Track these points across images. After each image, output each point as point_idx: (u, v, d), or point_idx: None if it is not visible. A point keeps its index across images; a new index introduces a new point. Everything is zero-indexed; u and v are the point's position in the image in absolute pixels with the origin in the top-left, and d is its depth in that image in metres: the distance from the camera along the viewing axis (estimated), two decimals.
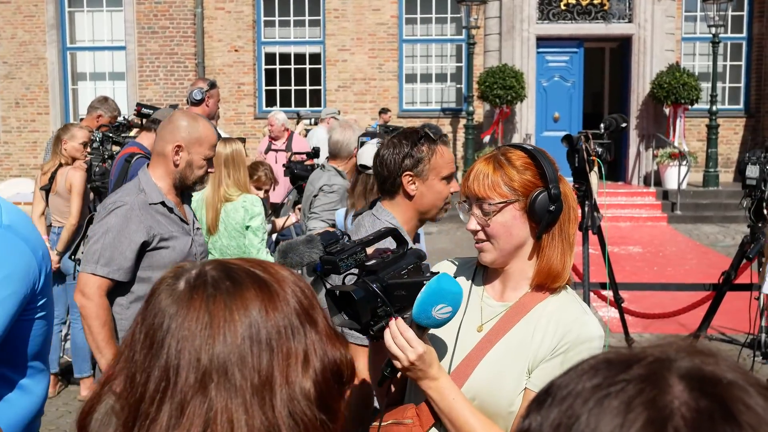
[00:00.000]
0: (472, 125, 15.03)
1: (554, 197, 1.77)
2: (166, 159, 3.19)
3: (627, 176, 15.83)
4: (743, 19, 16.28)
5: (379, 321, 1.67)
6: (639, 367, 0.65)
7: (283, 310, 0.98)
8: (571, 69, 15.96)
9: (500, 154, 1.83)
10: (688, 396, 0.62)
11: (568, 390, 0.67)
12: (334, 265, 1.66)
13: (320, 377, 0.98)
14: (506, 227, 1.79)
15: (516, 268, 1.85)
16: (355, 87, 16.30)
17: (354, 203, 4.04)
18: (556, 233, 1.82)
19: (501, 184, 1.78)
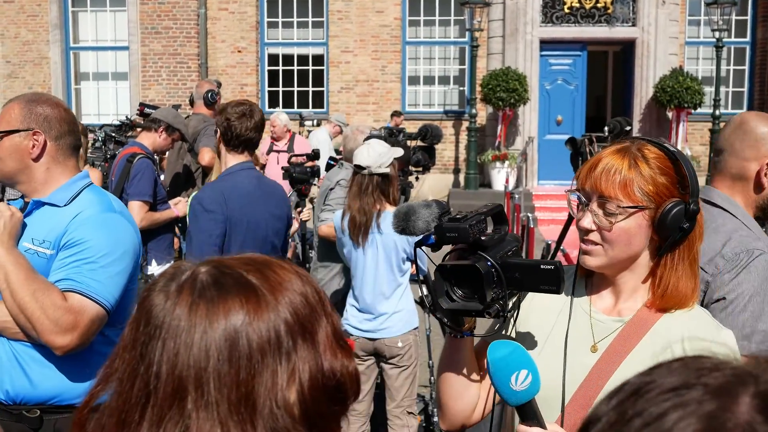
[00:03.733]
0: (475, 128, 15.01)
1: (691, 213, 1.53)
2: (746, 183, 2.26)
3: None
4: (747, 24, 16.24)
5: (492, 304, 1.50)
6: (717, 375, 0.63)
7: (269, 320, 0.93)
8: (574, 72, 15.94)
9: (635, 149, 1.58)
10: (750, 416, 0.58)
11: (639, 385, 0.66)
12: (462, 232, 1.48)
13: (308, 392, 0.92)
14: (628, 235, 1.55)
15: (627, 281, 1.63)
16: (358, 89, 16.28)
17: (350, 204, 4.04)
18: (685, 252, 1.58)
19: (635, 186, 1.53)
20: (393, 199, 4.08)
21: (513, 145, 15.35)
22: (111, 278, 2.39)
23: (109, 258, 2.40)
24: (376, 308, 4.09)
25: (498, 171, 14.88)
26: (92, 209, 2.46)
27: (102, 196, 2.56)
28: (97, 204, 2.49)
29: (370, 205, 4.00)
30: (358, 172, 4.03)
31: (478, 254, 1.51)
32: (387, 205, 4.04)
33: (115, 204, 2.59)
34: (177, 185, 5.96)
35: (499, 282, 1.49)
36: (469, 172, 15.07)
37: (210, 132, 5.83)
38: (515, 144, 15.41)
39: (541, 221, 13.04)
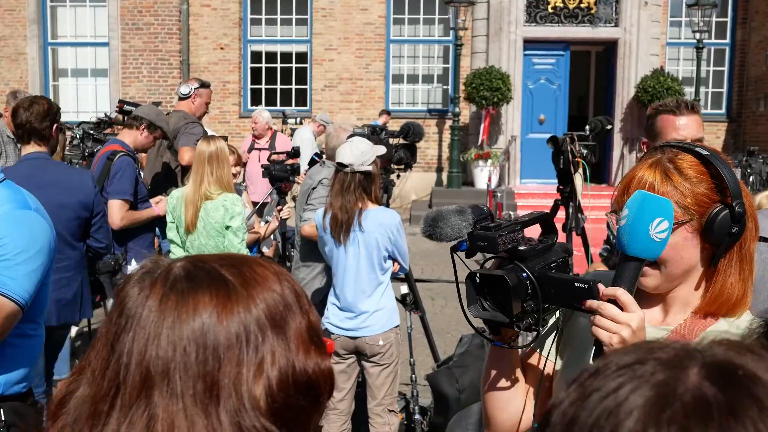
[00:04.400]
0: (458, 126, 15.03)
1: (737, 216, 1.48)
2: None
3: (611, 178, 15.88)
4: (727, 25, 16.37)
5: (524, 317, 1.46)
6: (666, 351, 0.67)
7: (239, 315, 0.93)
8: (557, 72, 15.99)
9: (667, 161, 1.52)
10: (698, 382, 0.62)
11: (596, 367, 0.69)
12: (491, 242, 1.43)
13: (276, 388, 0.93)
14: (676, 250, 1.49)
15: (681, 295, 1.57)
16: (342, 87, 16.25)
17: (332, 202, 4.03)
18: (735, 254, 1.53)
19: (672, 203, 1.46)
20: (375, 198, 4.08)
21: (496, 144, 15.39)
22: (26, 275, 2.45)
23: (24, 255, 2.45)
24: (357, 306, 4.08)
25: (481, 169, 14.92)
26: (7, 206, 2.49)
27: (16, 193, 2.58)
28: (11, 201, 2.52)
29: (352, 203, 3.98)
30: (340, 170, 4.02)
31: (515, 264, 1.47)
32: (369, 203, 4.04)
33: (31, 201, 2.61)
34: (157, 183, 5.92)
35: (533, 295, 1.45)
36: (452, 171, 15.09)
37: (190, 130, 5.78)
38: (498, 143, 15.45)
39: None
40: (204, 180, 4.45)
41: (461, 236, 1.51)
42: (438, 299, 8.29)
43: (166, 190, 5.60)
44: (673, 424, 0.60)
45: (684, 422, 0.60)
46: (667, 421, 0.60)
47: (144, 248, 5.04)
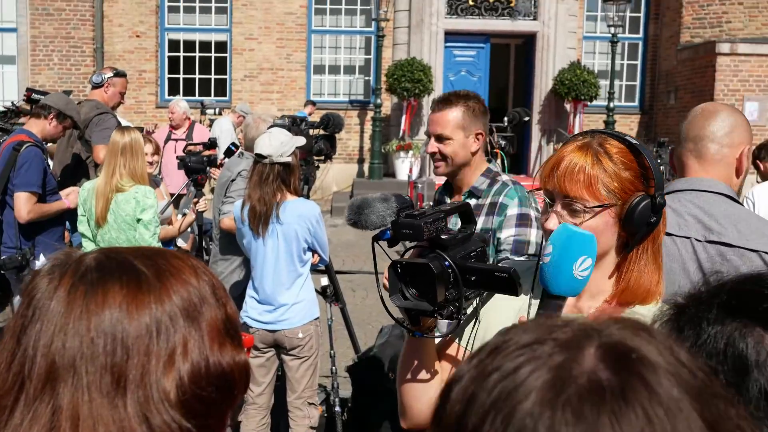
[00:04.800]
0: (380, 117, 15.05)
1: (658, 206, 1.50)
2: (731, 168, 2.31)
3: (529, 169, 16.17)
4: (640, 20, 16.86)
5: (446, 305, 1.46)
6: (564, 331, 0.68)
7: (150, 307, 0.92)
8: (477, 64, 16.18)
9: (597, 144, 1.52)
10: (594, 366, 0.63)
11: (495, 344, 0.69)
12: (416, 229, 1.43)
13: (188, 381, 0.91)
14: (596, 234, 1.48)
15: (593, 279, 1.54)
16: (262, 77, 16.06)
17: (250, 194, 3.96)
18: (649, 246, 1.55)
19: (599, 184, 1.49)
20: (294, 189, 4.03)
21: (417, 135, 15.47)
22: None
23: None
24: (276, 299, 4.03)
25: (402, 161, 14.98)
26: None
27: None
28: None
29: (271, 194, 3.93)
30: (259, 162, 3.95)
31: (437, 253, 1.47)
32: (288, 195, 3.99)
33: None
34: (67, 175, 5.71)
35: (455, 283, 1.45)
36: (373, 162, 15.11)
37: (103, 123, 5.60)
38: (419, 134, 15.53)
39: None
40: (116, 172, 4.32)
41: (385, 224, 1.49)
42: (359, 290, 8.28)
43: (77, 182, 5.41)
44: (568, 408, 0.61)
45: (578, 406, 0.61)
46: (563, 404, 0.61)
47: (54, 242, 4.86)
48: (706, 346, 0.91)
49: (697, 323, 0.94)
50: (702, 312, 0.94)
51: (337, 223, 13.05)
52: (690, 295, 1.00)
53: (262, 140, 3.96)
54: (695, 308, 0.96)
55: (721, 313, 0.93)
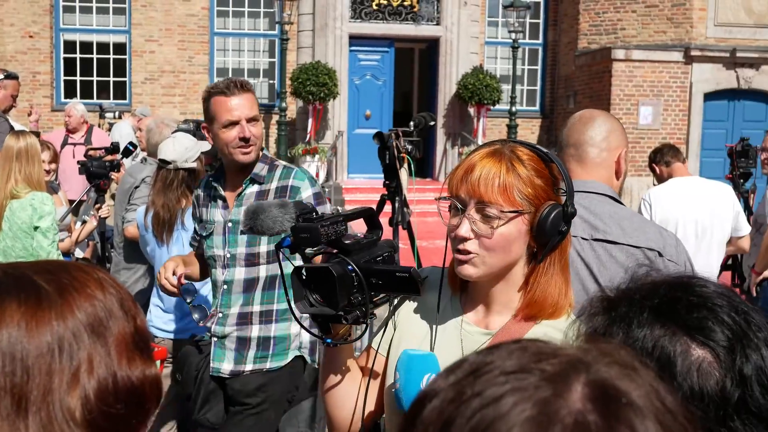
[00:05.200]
0: (285, 121, 14.94)
1: (569, 216, 1.50)
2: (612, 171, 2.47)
3: (434, 173, 16.38)
4: (539, 27, 17.35)
5: (351, 310, 1.46)
6: (552, 362, 0.65)
7: (51, 324, 0.89)
8: (382, 68, 16.29)
9: (508, 151, 1.51)
10: (581, 406, 0.62)
11: (477, 365, 0.67)
12: (313, 232, 1.41)
13: (94, 398, 0.89)
14: (507, 241, 1.49)
15: (501, 290, 1.57)
16: (164, 80, 15.71)
17: (154, 200, 3.87)
18: (556, 258, 1.54)
19: (514, 189, 1.47)
20: None
21: (323, 139, 15.45)
22: None
23: None
24: (182, 307, 3.94)
25: (309, 165, 14.91)
26: None
27: None
28: None
29: (175, 201, 3.85)
30: (163, 167, 3.86)
31: (340, 258, 1.46)
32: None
33: None
34: None
35: (359, 287, 1.45)
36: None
37: None
38: (325, 138, 15.51)
39: None
40: (11, 178, 4.15)
41: (283, 229, 1.49)
42: None
43: None
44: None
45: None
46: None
47: None
48: (635, 344, 0.95)
49: (628, 323, 0.97)
50: (634, 313, 0.98)
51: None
52: (621, 292, 1.03)
53: (165, 145, 3.88)
54: (627, 307, 0.99)
55: (651, 317, 0.96)
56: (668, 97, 15.03)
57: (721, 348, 0.94)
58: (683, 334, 0.95)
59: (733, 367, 0.93)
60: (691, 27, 14.87)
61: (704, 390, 0.92)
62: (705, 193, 4.48)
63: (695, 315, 0.96)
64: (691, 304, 0.98)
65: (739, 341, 0.95)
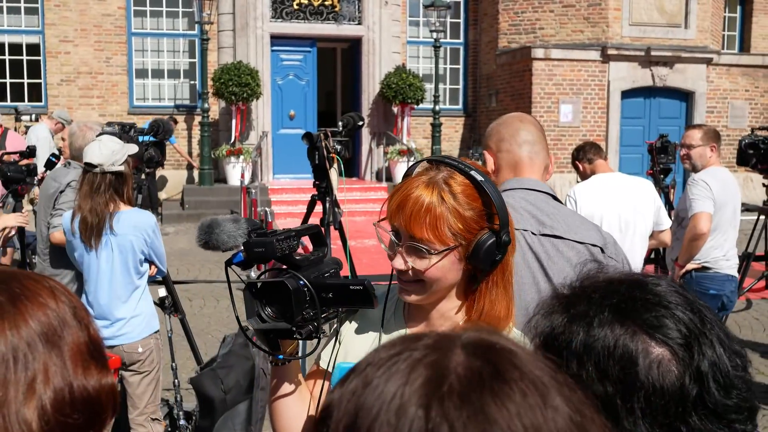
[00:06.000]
0: (208, 122, 14.74)
1: (503, 245, 1.51)
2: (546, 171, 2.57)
3: (360, 172, 16.42)
4: (460, 26, 17.58)
5: (304, 325, 1.46)
6: (429, 338, 0.73)
7: (5, 334, 0.87)
8: (305, 68, 16.23)
9: (443, 181, 1.50)
10: (464, 359, 0.69)
11: (367, 361, 0.73)
12: (268, 246, 1.42)
13: (51, 409, 0.88)
14: (443, 272, 1.52)
15: (442, 307, 1.60)
16: (80, 81, 15.29)
17: (81, 205, 3.78)
18: (498, 277, 1.56)
19: (445, 227, 1.48)
20: (127, 198, 3.88)
21: (247, 140, 15.30)
22: None
23: None
24: (113, 314, 3.87)
25: (233, 166, 14.76)
26: None
27: None
28: None
29: (103, 205, 3.76)
30: (89, 171, 3.77)
31: (292, 273, 1.47)
32: (121, 205, 3.83)
33: None
34: None
35: (311, 301, 1.46)
36: (203, 168, 14.78)
37: None
38: (250, 138, 15.37)
39: (278, 215, 13.13)
40: None
41: (237, 245, 1.48)
42: (196, 300, 8.08)
43: None
44: (453, 395, 0.66)
45: (462, 391, 0.66)
46: (447, 393, 0.66)
47: None
48: (597, 343, 0.99)
49: (588, 322, 1.01)
50: (594, 312, 1.01)
51: (169, 231, 12.67)
52: (579, 290, 1.07)
53: (91, 149, 3.78)
54: (587, 306, 1.03)
55: (611, 316, 1.00)
56: (587, 95, 15.44)
57: (678, 346, 0.98)
58: (642, 333, 0.99)
59: (691, 364, 0.97)
60: (607, 26, 15.31)
61: (665, 387, 0.96)
62: (627, 188, 4.62)
63: (653, 314, 1.00)
64: (648, 302, 1.02)
65: (696, 339, 0.99)
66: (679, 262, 4.89)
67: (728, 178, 4.98)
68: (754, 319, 7.88)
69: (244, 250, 1.47)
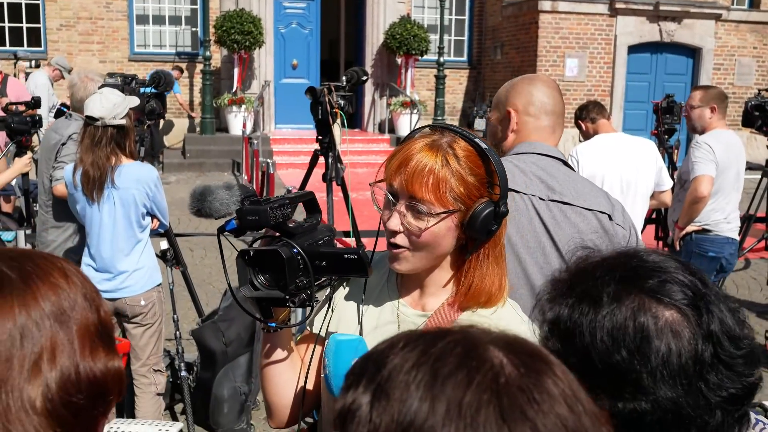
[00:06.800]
0: (210, 71, 14.61)
1: (500, 215, 1.49)
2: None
3: (363, 123, 16.34)
4: None
5: (298, 293, 1.45)
6: (453, 335, 0.73)
7: (13, 312, 0.88)
8: (308, 16, 16.03)
9: (447, 144, 1.48)
10: (503, 353, 0.71)
11: (390, 357, 0.71)
12: (262, 214, 1.40)
13: (56, 389, 0.88)
14: (437, 238, 1.49)
15: (434, 276, 1.58)
16: (80, 26, 15.12)
17: (82, 158, 3.77)
18: (490, 249, 1.54)
19: (447, 189, 1.46)
20: (129, 152, 3.86)
21: (249, 89, 15.19)
22: None
23: None
24: (115, 267, 3.88)
25: (235, 115, 14.68)
26: None
27: None
28: None
29: (104, 158, 3.75)
30: (90, 124, 3.75)
31: (285, 241, 1.46)
32: (123, 158, 3.82)
33: None
34: None
35: (305, 270, 1.45)
36: (204, 117, 14.71)
37: None
38: (252, 88, 15.26)
39: (279, 165, 13.11)
40: None
41: (230, 212, 1.46)
42: (197, 250, 8.12)
43: None
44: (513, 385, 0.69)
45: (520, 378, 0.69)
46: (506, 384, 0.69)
47: None
48: (607, 317, 1.02)
49: (596, 299, 1.04)
50: (600, 287, 1.04)
51: (170, 180, 12.67)
52: (579, 272, 1.10)
53: (92, 102, 3.76)
54: (591, 284, 1.06)
55: (617, 288, 1.03)
56: (593, 50, 15.27)
57: (685, 306, 1.01)
58: (650, 299, 1.02)
59: (701, 324, 1.01)
60: None
61: (680, 348, 0.99)
62: (629, 149, 4.60)
63: (656, 280, 1.03)
64: (648, 269, 1.05)
65: (701, 299, 1.02)
66: (679, 224, 4.90)
67: (733, 140, 4.95)
68: (751, 278, 7.93)
69: (236, 218, 1.45)
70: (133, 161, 3.89)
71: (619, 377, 0.99)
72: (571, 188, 2.29)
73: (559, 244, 2.22)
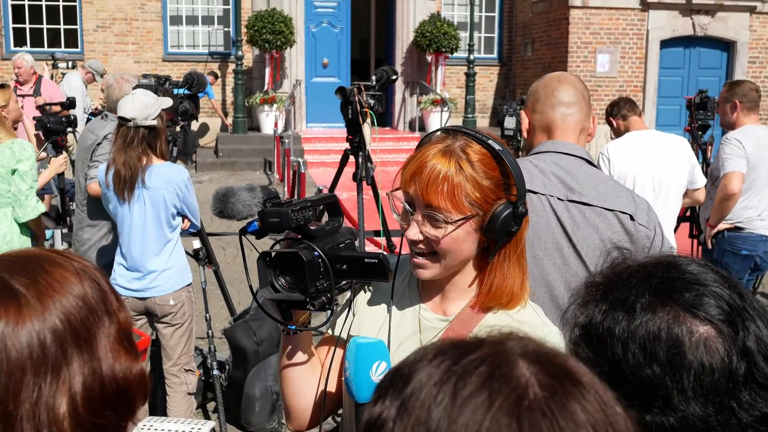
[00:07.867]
0: (242, 70, 14.72)
1: (519, 216, 1.49)
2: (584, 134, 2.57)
3: (393, 122, 16.34)
4: None
5: (318, 296, 1.45)
6: (483, 348, 0.72)
7: (31, 330, 0.86)
8: (338, 15, 16.06)
9: (460, 149, 1.47)
10: (532, 369, 0.69)
11: (417, 372, 0.70)
12: (283, 217, 1.40)
13: (81, 402, 0.88)
14: (457, 243, 1.49)
15: (457, 281, 1.58)
16: (116, 27, 15.31)
17: (115, 158, 3.84)
18: (511, 250, 1.54)
19: (462, 195, 1.45)
20: (161, 153, 3.92)
21: (281, 88, 15.28)
22: None
23: None
24: (145, 266, 3.94)
25: (266, 114, 14.78)
26: None
27: None
28: None
29: (136, 159, 3.81)
30: (123, 125, 3.81)
31: (306, 243, 1.46)
32: (154, 159, 3.88)
33: None
34: None
35: (325, 273, 1.45)
36: (237, 116, 14.82)
37: None
38: (283, 87, 15.34)
39: (310, 164, 13.17)
40: None
41: (252, 214, 1.47)
42: (229, 249, 8.20)
43: None
44: (537, 407, 0.67)
45: (546, 399, 0.67)
46: (530, 406, 0.67)
47: None
48: (641, 327, 1.00)
49: (630, 307, 1.01)
50: (635, 296, 1.02)
51: (202, 179, 12.79)
52: (614, 277, 1.07)
53: (125, 103, 3.82)
54: (626, 292, 1.03)
55: (652, 299, 1.01)
56: (625, 45, 15.11)
57: (721, 323, 0.99)
58: (685, 313, 0.99)
59: (736, 341, 0.98)
60: None
61: (713, 365, 0.96)
62: (661, 146, 4.55)
63: (693, 293, 1.01)
64: (685, 281, 1.02)
65: (738, 314, 0.99)
66: (711, 222, 4.83)
67: (765, 135, 4.87)
68: None
69: (258, 220, 1.46)
70: (164, 162, 3.94)
71: (649, 391, 0.97)
72: (591, 188, 2.26)
73: (577, 245, 2.20)
